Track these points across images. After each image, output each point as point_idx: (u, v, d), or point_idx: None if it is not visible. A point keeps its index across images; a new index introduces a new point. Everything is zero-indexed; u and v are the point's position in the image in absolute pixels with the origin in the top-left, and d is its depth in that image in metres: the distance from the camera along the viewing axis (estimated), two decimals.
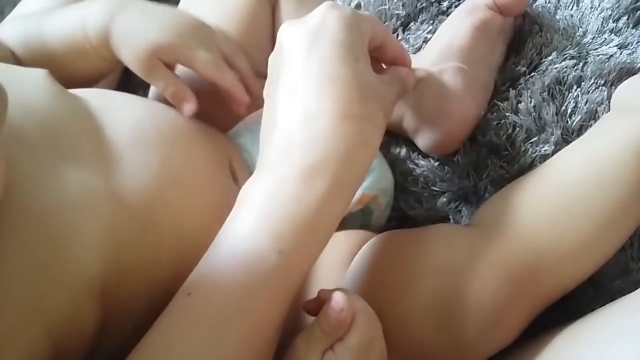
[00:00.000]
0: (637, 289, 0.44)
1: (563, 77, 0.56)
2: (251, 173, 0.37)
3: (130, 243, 0.35)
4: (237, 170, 0.50)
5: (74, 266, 0.31)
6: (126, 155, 0.38)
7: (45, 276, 0.30)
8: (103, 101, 0.43)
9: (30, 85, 0.38)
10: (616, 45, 0.57)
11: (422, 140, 0.56)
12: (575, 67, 0.56)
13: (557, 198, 0.46)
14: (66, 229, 0.31)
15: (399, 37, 0.61)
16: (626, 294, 0.44)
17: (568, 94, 0.55)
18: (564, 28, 0.58)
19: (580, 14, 0.59)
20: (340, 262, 0.50)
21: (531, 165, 0.53)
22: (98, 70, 0.51)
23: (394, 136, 0.59)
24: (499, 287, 0.43)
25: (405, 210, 0.58)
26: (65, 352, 0.31)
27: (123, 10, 0.48)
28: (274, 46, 0.47)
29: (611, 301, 0.44)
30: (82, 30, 0.48)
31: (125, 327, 0.35)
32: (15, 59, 0.50)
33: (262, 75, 0.58)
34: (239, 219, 0.35)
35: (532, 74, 0.56)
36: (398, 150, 0.59)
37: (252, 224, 0.34)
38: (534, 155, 0.54)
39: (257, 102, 0.50)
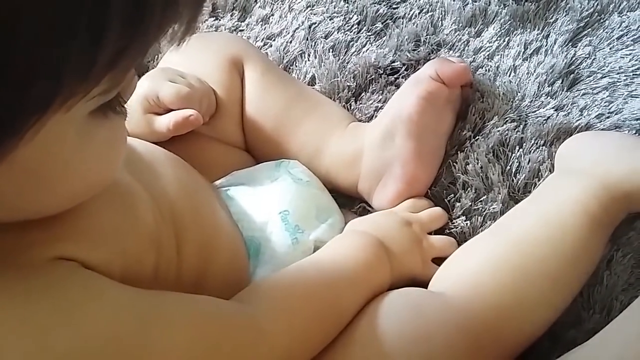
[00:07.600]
0: (589, 337, 0.46)
1: (506, 139, 0.59)
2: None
3: (165, 229, 0.44)
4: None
5: (139, 219, 0.42)
6: (147, 171, 0.47)
7: (125, 223, 0.41)
8: None
9: None
10: (552, 108, 0.61)
11: (376, 202, 0.59)
12: (516, 130, 0.60)
13: (514, 260, 0.49)
14: (132, 199, 0.43)
15: (352, 107, 0.64)
16: (580, 343, 0.46)
17: (511, 155, 0.59)
18: (503, 93, 0.62)
19: (518, 79, 0.63)
20: None
21: (482, 224, 0.56)
22: None
23: (351, 198, 0.61)
24: (469, 351, 0.44)
25: None
26: (131, 274, 0.40)
27: None
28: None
29: (567, 351, 0.46)
30: None
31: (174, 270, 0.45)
32: None
33: (229, 143, 0.60)
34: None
35: (477, 137, 0.60)
36: (354, 210, 0.61)
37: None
38: (484, 213, 0.56)
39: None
